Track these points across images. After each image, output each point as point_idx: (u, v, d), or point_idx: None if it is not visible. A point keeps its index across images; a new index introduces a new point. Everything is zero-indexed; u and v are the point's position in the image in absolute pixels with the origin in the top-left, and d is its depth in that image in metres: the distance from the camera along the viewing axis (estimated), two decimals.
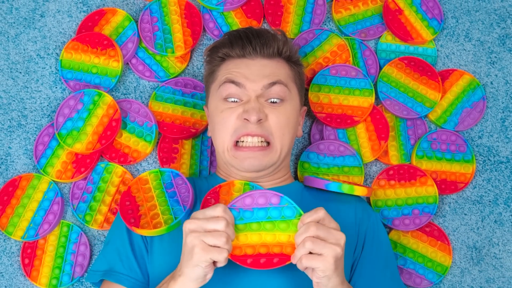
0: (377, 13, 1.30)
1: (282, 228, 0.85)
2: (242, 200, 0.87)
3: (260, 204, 0.86)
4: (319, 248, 0.80)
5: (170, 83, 1.25)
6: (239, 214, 0.86)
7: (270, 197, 0.87)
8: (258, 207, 0.86)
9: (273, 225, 0.86)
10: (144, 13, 1.27)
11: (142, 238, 1.02)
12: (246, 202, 0.87)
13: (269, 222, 0.86)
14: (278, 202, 0.86)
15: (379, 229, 1.08)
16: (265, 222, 0.86)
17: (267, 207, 0.86)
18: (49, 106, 1.25)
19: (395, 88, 1.25)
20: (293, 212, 0.86)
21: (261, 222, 0.86)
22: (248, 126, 1.00)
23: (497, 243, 1.23)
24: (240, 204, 0.87)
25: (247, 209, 0.86)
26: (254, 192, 0.87)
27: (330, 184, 1.05)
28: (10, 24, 1.27)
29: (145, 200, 1.02)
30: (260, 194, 0.87)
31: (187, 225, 0.82)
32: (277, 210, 0.86)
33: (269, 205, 0.86)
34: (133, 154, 1.21)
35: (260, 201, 0.87)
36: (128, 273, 0.99)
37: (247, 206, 0.87)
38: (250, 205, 0.87)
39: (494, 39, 1.31)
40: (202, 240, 0.80)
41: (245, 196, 0.87)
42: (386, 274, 1.04)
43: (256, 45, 1.05)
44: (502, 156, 1.26)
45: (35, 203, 1.18)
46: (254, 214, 0.86)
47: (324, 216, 0.83)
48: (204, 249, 0.80)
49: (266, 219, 0.86)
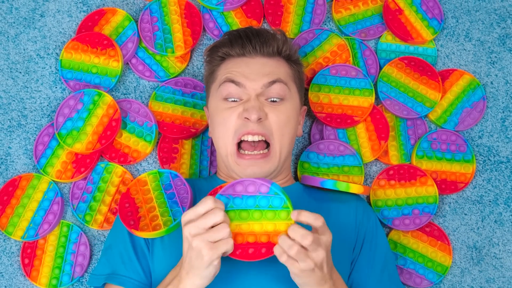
0: (377, 13, 1.30)
1: (269, 218, 0.86)
2: (233, 187, 0.88)
3: (250, 192, 0.87)
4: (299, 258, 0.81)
5: (170, 83, 1.25)
6: (229, 201, 0.87)
7: (259, 185, 0.87)
8: (247, 194, 0.87)
9: (261, 214, 0.86)
10: (144, 13, 1.27)
11: (144, 239, 1.02)
12: (236, 189, 0.88)
13: (258, 211, 0.86)
14: (267, 191, 0.87)
15: (378, 231, 1.08)
16: (254, 210, 0.87)
17: (256, 196, 0.87)
18: (49, 106, 1.24)
19: (395, 88, 1.25)
20: (280, 202, 0.86)
21: (250, 211, 0.87)
22: (249, 125, 1.00)
23: (497, 243, 1.23)
24: (231, 191, 0.88)
25: (237, 196, 0.87)
26: (244, 180, 0.88)
27: (325, 182, 1.06)
28: (10, 24, 1.27)
29: (144, 201, 1.02)
30: (250, 182, 0.88)
31: (186, 230, 0.82)
32: (266, 199, 0.87)
33: (258, 194, 0.87)
34: (133, 154, 1.21)
35: (250, 189, 0.87)
36: (131, 275, 0.99)
37: (237, 193, 0.87)
38: (240, 192, 0.87)
39: (494, 39, 1.31)
40: (207, 240, 0.81)
41: (236, 183, 0.88)
42: (384, 276, 1.03)
43: (256, 44, 1.05)
44: (502, 156, 1.26)
45: (35, 203, 1.18)
46: (244, 201, 0.87)
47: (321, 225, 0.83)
48: (212, 248, 0.81)
49: (255, 208, 0.87)
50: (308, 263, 0.81)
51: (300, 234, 0.81)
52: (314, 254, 0.81)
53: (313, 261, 0.81)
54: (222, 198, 0.87)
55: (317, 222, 0.83)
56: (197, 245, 0.81)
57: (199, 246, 0.81)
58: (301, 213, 0.83)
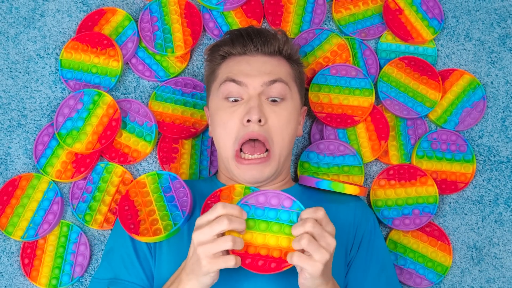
0: (377, 13, 1.30)
1: (287, 233, 0.85)
2: (256, 197, 0.87)
3: (273, 205, 0.87)
4: (312, 249, 0.80)
5: (170, 82, 1.25)
6: (250, 210, 0.86)
7: (283, 199, 0.87)
8: (270, 207, 0.87)
9: (280, 228, 0.86)
10: (144, 13, 1.26)
11: (146, 243, 1.01)
12: (259, 200, 0.87)
13: (277, 224, 0.86)
14: (290, 205, 0.86)
15: (376, 233, 1.07)
16: (273, 223, 0.86)
17: (278, 209, 0.86)
18: (49, 105, 1.24)
19: (395, 88, 1.25)
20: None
21: (270, 223, 0.86)
22: (249, 127, 1.00)
23: (497, 243, 1.23)
24: (253, 202, 0.87)
25: (259, 207, 0.87)
26: (268, 191, 0.87)
27: (320, 182, 1.06)
28: (9, 24, 1.27)
29: (143, 204, 1.02)
30: (274, 194, 0.87)
31: (195, 235, 0.82)
32: (287, 214, 0.86)
33: (280, 207, 0.86)
34: (133, 154, 1.21)
35: (273, 202, 0.87)
36: (134, 280, 0.99)
37: (260, 204, 0.87)
38: (263, 204, 0.87)
39: (494, 38, 1.31)
40: (209, 252, 0.81)
41: (259, 194, 0.87)
42: (381, 279, 1.03)
43: (257, 43, 1.05)
44: (503, 156, 1.26)
45: (34, 203, 1.18)
46: (265, 213, 0.86)
47: (322, 217, 0.83)
48: (210, 262, 0.81)
49: (275, 221, 0.86)
50: (323, 253, 0.80)
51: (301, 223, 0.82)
52: (324, 242, 0.81)
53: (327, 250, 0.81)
54: (244, 208, 0.86)
55: (318, 213, 0.83)
56: (199, 253, 0.81)
57: (200, 255, 0.81)
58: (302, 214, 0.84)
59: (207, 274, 0.82)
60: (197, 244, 0.82)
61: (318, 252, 0.80)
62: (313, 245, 0.80)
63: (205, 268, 0.81)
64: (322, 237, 0.81)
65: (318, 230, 0.81)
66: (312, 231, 0.81)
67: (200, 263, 0.81)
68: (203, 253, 0.81)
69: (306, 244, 0.80)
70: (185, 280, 0.85)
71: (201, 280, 0.83)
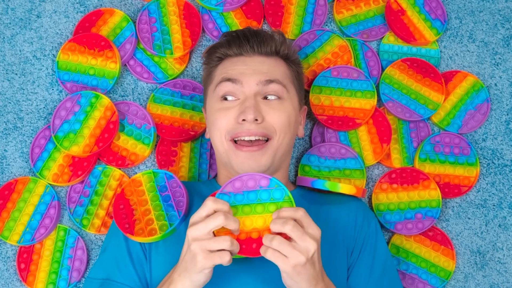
0: (379, 14, 1.29)
1: (272, 210, 0.86)
2: (232, 184, 0.88)
3: (250, 187, 0.88)
4: (285, 251, 0.80)
5: (168, 84, 1.23)
6: (230, 198, 0.88)
7: (259, 179, 0.88)
8: (248, 190, 0.88)
9: (264, 208, 0.87)
10: (142, 14, 1.25)
11: (141, 244, 1.01)
12: (236, 185, 0.88)
13: (260, 205, 0.87)
14: (268, 184, 0.88)
15: (378, 237, 1.06)
16: (256, 204, 0.87)
17: (257, 190, 0.88)
18: (46, 108, 1.23)
19: (397, 90, 1.24)
20: (281, 194, 0.87)
21: (252, 205, 0.87)
22: (244, 126, 0.99)
23: (501, 248, 1.21)
24: (230, 189, 0.88)
25: (238, 193, 0.88)
26: (242, 175, 0.89)
27: (316, 182, 1.06)
28: (5, 25, 1.26)
29: (139, 203, 1.02)
30: (249, 177, 0.89)
31: (189, 232, 0.83)
32: (267, 192, 0.88)
33: (259, 188, 0.88)
34: (131, 157, 1.20)
35: (250, 184, 0.88)
36: (126, 282, 0.98)
37: (237, 190, 0.88)
38: (240, 188, 0.88)
39: (498, 40, 1.29)
40: (205, 247, 0.81)
41: (234, 180, 0.88)
42: (384, 282, 1.02)
43: (253, 43, 1.05)
44: (507, 159, 1.25)
45: (31, 207, 1.17)
46: (245, 196, 0.88)
47: (301, 217, 0.82)
48: (206, 257, 0.81)
49: (257, 202, 0.87)
50: (297, 255, 0.80)
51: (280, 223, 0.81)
52: (303, 245, 0.80)
53: (303, 254, 0.80)
54: (223, 197, 0.87)
55: (297, 213, 0.83)
56: (194, 249, 0.81)
57: (195, 251, 0.81)
58: (281, 211, 0.84)
59: (202, 271, 0.82)
60: (192, 240, 0.82)
61: (291, 253, 0.80)
62: (286, 247, 0.80)
63: (200, 264, 0.81)
64: (300, 240, 0.81)
65: (296, 233, 0.81)
66: (291, 234, 0.81)
67: (195, 259, 0.81)
68: (199, 248, 0.81)
69: (278, 246, 0.80)
70: (176, 280, 0.85)
71: (194, 278, 0.83)
